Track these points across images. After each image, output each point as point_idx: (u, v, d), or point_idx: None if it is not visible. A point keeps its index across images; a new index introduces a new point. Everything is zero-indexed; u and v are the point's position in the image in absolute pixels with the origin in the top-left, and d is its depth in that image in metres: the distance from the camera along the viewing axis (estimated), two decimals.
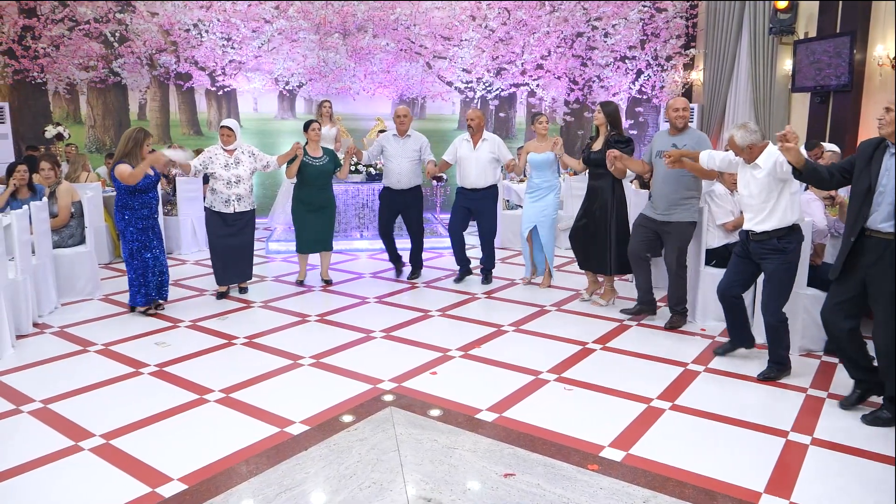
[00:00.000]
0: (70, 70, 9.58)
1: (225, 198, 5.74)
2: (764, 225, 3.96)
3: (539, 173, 6.02)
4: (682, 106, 4.89)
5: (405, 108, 6.39)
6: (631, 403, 3.73)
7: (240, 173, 5.77)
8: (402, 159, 6.32)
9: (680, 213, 4.88)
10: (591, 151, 5.52)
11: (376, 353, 4.57)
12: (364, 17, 9.96)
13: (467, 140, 6.26)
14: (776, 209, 3.93)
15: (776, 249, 3.96)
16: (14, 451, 3.18)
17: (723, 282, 4.30)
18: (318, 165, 6.14)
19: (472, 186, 6.21)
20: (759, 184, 3.96)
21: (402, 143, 6.34)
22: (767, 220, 3.95)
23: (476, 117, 6.20)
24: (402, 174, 6.32)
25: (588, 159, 5.54)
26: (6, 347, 4.47)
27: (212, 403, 3.73)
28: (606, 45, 10.60)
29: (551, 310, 5.58)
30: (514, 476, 2.92)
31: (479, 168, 6.17)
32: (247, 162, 5.83)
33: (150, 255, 5.28)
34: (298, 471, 2.98)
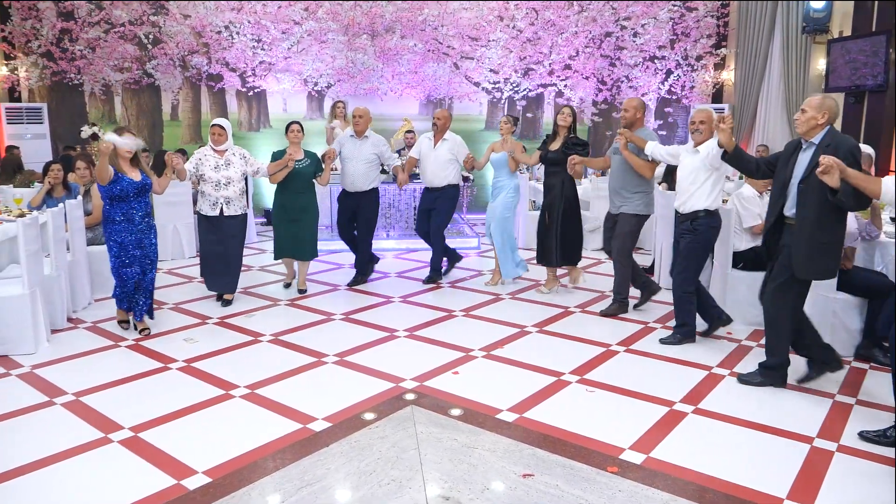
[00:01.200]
0: (105, 71, 9.80)
1: (213, 200, 5.47)
2: (685, 207, 4.55)
3: (498, 172, 6.25)
4: (631, 105, 5.30)
5: (363, 109, 6.23)
6: (653, 406, 3.71)
7: (230, 175, 5.49)
8: (358, 161, 6.11)
9: (627, 206, 5.25)
10: (548, 150, 5.80)
11: (399, 352, 4.60)
12: (392, 18, 10.03)
13: (429, 138, 6.37)
14: (697, 193, 4.49)
15: (689, 230, 4.55)
16: (47, 441, 3.28)
17: (673, 266, 4.80)
18: (299, 168, 5.82)
19: (430, 185, 6.37)
20: (694, 168, 4.50)
21: (358, 144, 6.15)
22: (688, 203, 4.53)
23: (442, 117, 6.30)
24: (356, 176, 6.13)
25: (545, 158, 5.84)
26: (41, 341, 4.60)
27: (237, 399, 3.80)
28: (635, 44, 10.53)
29: (575, 311, 5.57)
30: (532, 477, 2.93)
31: (436, 166, 6.27)
32: (237, 164, 5.55)
33: (129, 272, 4.77)
34: (319, 466, 3.02)
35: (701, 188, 4.48)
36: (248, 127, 10.37)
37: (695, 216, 4.52)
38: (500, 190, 6.23)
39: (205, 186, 5.49)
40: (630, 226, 5.27)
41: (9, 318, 4.41)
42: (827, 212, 3.56)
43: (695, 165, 4.52)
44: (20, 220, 4.51)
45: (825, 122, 3.62)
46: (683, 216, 4.59)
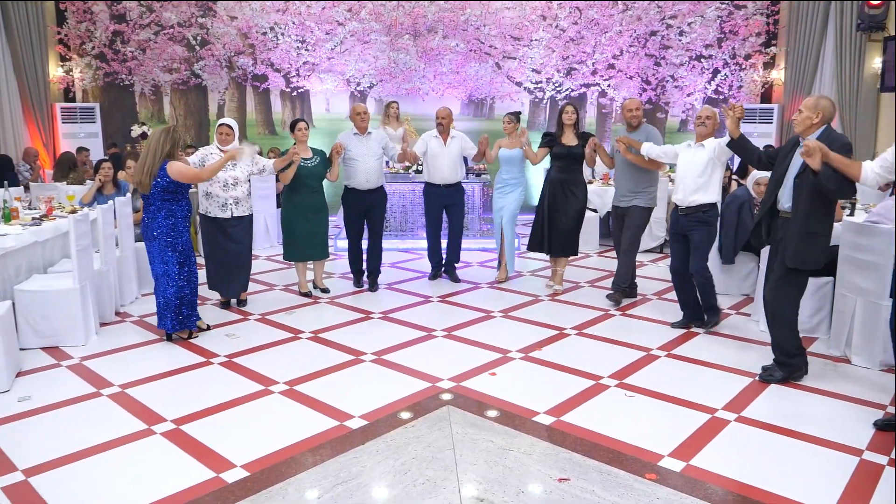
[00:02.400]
0: (155, 72, 10.05)
1: (222, 201, 5.34)
2: (691, 200, 4.77)
3: (507, 169, 6.31)
4: (634, 107, 5.58)
5: (364, 106, 6.22)
6: (694, 413, 3.63)
7: (237, 175, 5.38)
8: (370, 157, 6.04)
9: (637, 200, 5.53)
10: (569, 147, 5.89)
11: (437, 352, 4.61)
12: (434, 18, 10.04)
13: (436, 137, 6.39)
14: (707, 186, 4.74)
15: (702, 221, 4.78)
16: (93, 431, 3.37)
17: (672, 264, 5.04)
18: (309, 167, 5.76)
19: (444, 182, 6.37)
20: (703, 162, 4.74)
21: (364, 140, 6.07)
22: (698, 195, 4.75)
23: (447, 115, 6.41)
24: (371, 172, 6.03)
25: (568, 154, 5.90)
26: (90, 334, 4.74)
27: (276, 395, 3.85)
28: (681, 43, 10.33)
29: (616, 314, 5.49)
30: (568, 481, 2.89)
31: (451, 162, 6.35)
32: (243, 164, 5.42)
33: (194, 267, 4.85)
34: (355, 464, 3.04)
35: (709, 181, 4.75)
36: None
37: (706, 208, 4.78)
38: (514, 187, 6.31)
39: (212, 188, 5.34)
40: (642, 218, 5.60)
41: (60, 311, 4.56)
42: (817, 204, 3.76)
43: (702, 160, 4.76)
44: (72, 217, 4.66)
45: (820, 121, 3.79)
46: (691, 209, 4.80)
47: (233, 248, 5.44)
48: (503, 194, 6.36)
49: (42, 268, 5.19)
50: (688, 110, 10.67)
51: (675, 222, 4.97)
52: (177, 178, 4.53)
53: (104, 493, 2.83)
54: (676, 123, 10.74)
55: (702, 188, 4.76)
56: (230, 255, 5.44)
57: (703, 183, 4.75)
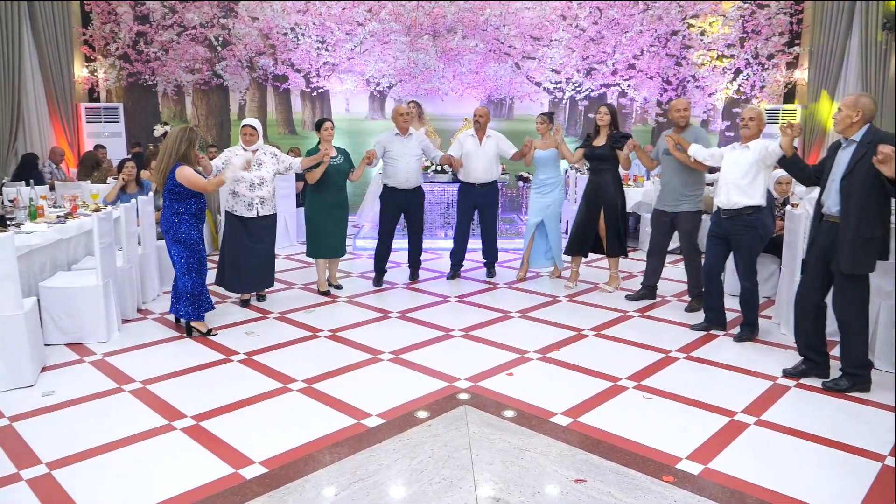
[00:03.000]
0: (177, 73, 10.18)
1: (248, 201, 5.39)
2: (733, 203, 4.60)
3: (544, 169, 6.33)
4: (682, 107, 5.42)
5: (406, 107, 6.32)
6: (713, 416, 3.60)
7: (263, 175, 5.42)
8: (410, 158, 6.18)
9: (685, 204, 5.40)
10: (593, 148, 5.91)
11: (454, 351, 4.61)
12: (454, 18, 10.05)
13: (472, 136, 6.43)
14: (751, 189, 4.56)
15: (747, 225, 4.61)
16: (115, 426, 3.42)
17: (706, 263, 4.92)
18: (335, 165, 5.85)
19: (479, 181, 6.41)
20: (747, 164, 4.55)
21: (405, 141, 6.21)
22: (742, 198, 4.57)
23: (484, 114, 6.42)
24: (412, 172, 6.19)
25: (592, 155, 5.93)
26: (113, 330, 4.81)
27: (294, 392, 3.88)
28: (703, 43, 10.24)
29: (634, 315, 5.46)
30: (585, 482, 2.88)
31: (486, 163, 6.39)
32: (269, 163, 5.49)
33: (206, 261, 4.98)
34: (372, 462, 3.05)
35: (753, 184, 4.57)
36: (310, 126, 10.57)
37: (750, 211, 4.60)
38: (553, 187, 6.33)
39: (238, 187, 5.38)
40: (694, 223, 5.46)
41: (83, 308, 4.63)
42: (870, 206, 3.64)
43: (747, 161, 4.58)
44: (95, 215, 4.73)
45: (860, 119, 3.69)
46: (734, 212, 4.63)
47: (258, 246, 5.49)
48: (542, 195, 6.36)
49: (66, 265, 5.27)
50: (709, 111, 10.59)
51: (717, 224, 4.79)
52: (183, 183, 4.60)
53: (125, 486, 2.87)
54: (697, 124, 10.64)
55: (744, 190, 4.58)
56: (256, 253, 5.48)
57: (746, 185, 4.57)
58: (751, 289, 4.73)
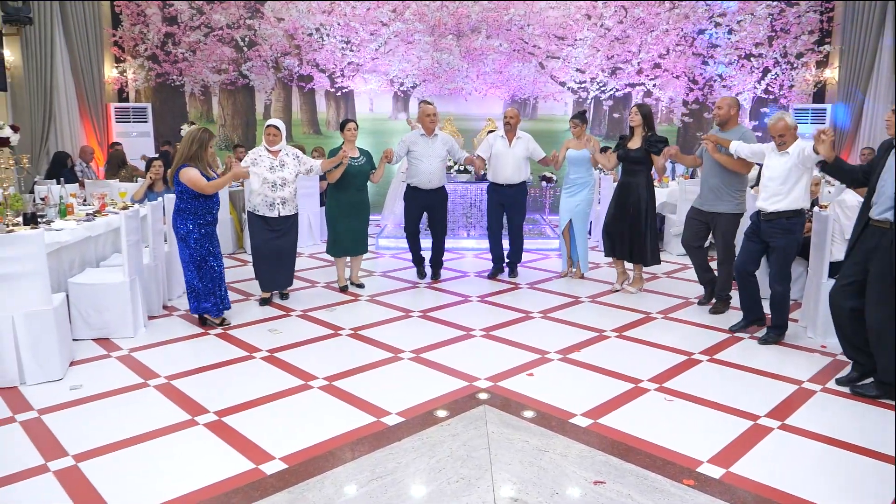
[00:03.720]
0: (204, 73, 10.32)
1: (270, 201, 5.46)
2: (777, 205, 4.51)
3: (576, 169, 6.37)
4: (719, 104, 5.32)
5: (434, 107, 6.31)
6: (736, 419, 3.55)
7: (285, 176, 5.48)
8: (434, 159, 6.23)
9: (724, 205, 5.25)
10: (628, 150, 5.83)
11: (475, 351, 4.61)
12: (478, 18, 10.06)
13: (502, 137, 6.46)
14: (791, 193, 4.48)
15: (785, 229, 4.53)
16: (139, 420, 3.48)
17: (738, 261, 4.85)
18: (357, 166, 5.88)
19: (507, 182, 6.43)
20: (785, 169, 4.48)
21: (430, 142, 6.26)
22: (781, 202, 4.50)
23: (514, 115, 6.46)
24: (434, 174, 6.25)
25: (626, 157, 5.84)
26: (139, 326, 4.89)
27: (315, 390, 3.91)
28: (730, 42, 10.13)
29: (658, 317, 5.41)
30: (604, 484, 2.87)
31: (515, 165, 6.40)
32: (291, 164, 5.55)
33: (215, 263, 4.97)
34: (391, 460, 3.07)
35: (794, 188, 4.49)
36: (335, 126, 10.65)
37: (789, 215, 4.52)
38: (582, 187, 6.37)
39: (261, 188, 5.45)
40: (731, 224, 5.31)
41: (111, 304, 4.72)
42: None
43: (785, 166, 4.50)
44: (123, 213, 4.82)
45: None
46: (773, 214, 4.56)
47: (279, 244, 5.56)
48: (572, 194, 6.41)
49: (95, 262, 5.37)
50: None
51: (756, 225, 4.72)
52: (185, 183, 4.70)
53: (148, 479, 2.92)
54: None
55: (784, 195, 4.49)
56: (276, 251, 5.56)
57: (786, 190, 4.48)
58: (782, 292, 4.68)
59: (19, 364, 3.94)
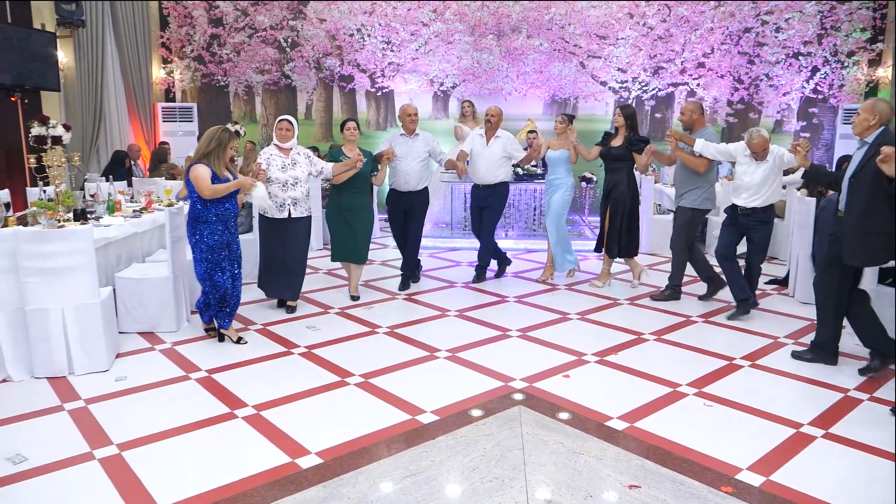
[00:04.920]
0: (248, 73, 10.51)
1: (280, 201, 5.15)
2: (754, 203, 5.13)
3: (553, 169, 6.38)
4: (683, 108, 5.70)
5: (414, 107, 6.11)
6: (777, 426, 3.47)
7: (297, 175, 5.19)
8: (412, 160, 5.98)
9: (685, 200, 5.64)
10: (611, 147, 6.04)
11: (511, 351, 4.60)
12: (519, 17, 10.02)
13: (481, 135, 6.29)
14: (767, 193, 5.10)
15: (761, 221, 5.19)
16: (181, 412, 3.57)
17: (718, 247, 5.39)
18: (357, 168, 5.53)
19: (483, 182, 6.29)
20: (763, 173, 5.08)
21: (410, 142, 6.01)
22: (758, 199, 5.12)
23: (496, 114, 6.30)
24: (411, 175, 5.97)
25: (608, 154, 6.05)
26: (182, 321, 5.01)
27: (352, 386, 3.95)
28: (777, 40, 9.88)
29: (698, 321, 5.31)
30: (639, 489, 2.83)
31: (489, 164, 6.22)
32: (303, 163, 5.25)
33: (221, 278, 4.56)
34: (425, 458, 3.08)
35: (769, 188, 5.10)
36: (375, 126, 10.74)
37: (764, 209, 5.15)
38: (559, 187, 6.36)
39: (271, 188, 5.14)
40: (685, 218, 5.66)
41: (155, 298, 4.84)
42: (874, 203, 3.82)
43: (763, 173, 5.08)
44: (168, 210, 4.94)
45: (877, 123, 3.92)
46: (752, 210, 5.15)
47: (288, 250, 5.23)
48: (549, 195, 6.44)
49: (140, 257, 5.52)
50: (783, 110, 10.21)
51: (733, 217, 5.28)
52: (191, 181, 4.38)
53: (189, 470, 2.99)
54: (770, 124, 10.28)
55: (762, 195, 5.11)
56: (284, 257, 5.23)
57: (764, 191, 5.10)
58: (754, 275, 5.37)
59: (68, 354, 4.08)
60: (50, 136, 5.16)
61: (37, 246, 3.98)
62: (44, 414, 3.57)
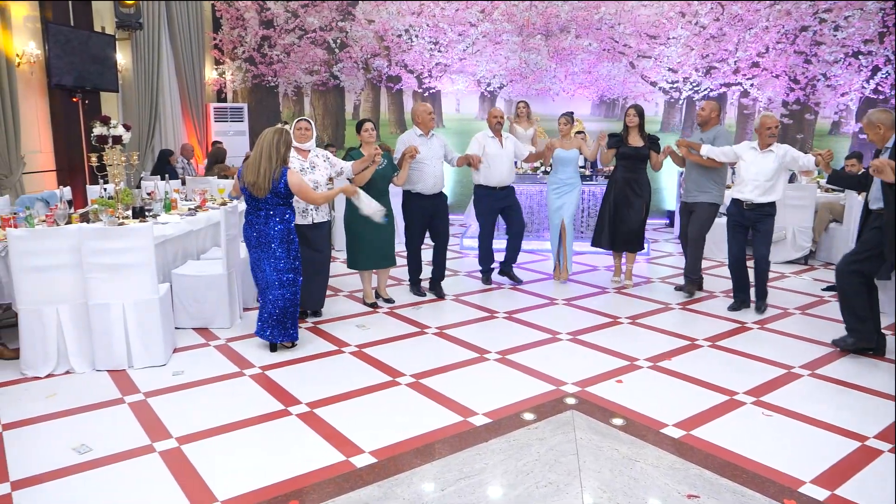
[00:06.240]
0: (297, 74, 10.66)
1: (302, 207, 4.93)
2: (764, 198, 5.27)
3: (564, 169, 6.40)
4: (701, 108, 6.01)
5: (429, 106, 5.85)
6: (841, 439, 3.35)
7: (317, 179, 4.96)
8: (435, 161, 5.75)
9: (705, 196, 5.84)
10: (633, 147, 6.10)
11: (561, 354, 4.56)
12: (567, 17, 9.94)
13: (492, 138, 6.19)
14: (775, 187, 5.26)
15: (768, 214, 5.33)
16: (236, 407, 3.63)
17: (732, 254, 5.54)
18: (378, 170, 5.32)
19: (502, 184, 6.23)
20: (772, 168, 5.23)
21: (429, 143, 5.76)
22: (768, 195, 5.26)
23: (503, 115, 6.27)
24: (438, 176, 5.75)
25: (632, 155, 6.11)
26: (235, 318, 5.11)
27: (403, 387, 3.96)
28: (836, 39, 9.58)
29: (753, 328, 5.18)
30: (698, 499, 2.77)
31: (509, 164, 6.25)
32: (322, 167, 5.05)
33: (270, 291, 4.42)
34: (478, 460, 3.07)
35: (776, 183, 5.26)
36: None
37: (771, 203, 5.30)
38: (572, 188, 6.41)
39: None
40: (708, 213, 5.88)
41: (210, 295, 4.94)
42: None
43: (771, 166, 5.23)
44: (222, 208, 5.03)
45: (884, 130, 4.31)
46: (758, 205, 5.29)
47: (312, 256, 5.02)
48: (560, 195, 6.42)
49: (195, 254, 5.64)
50: (841, 111, 9.88)
51: (740, 215, 5.40)
52: (293, 188, 4.27)
53: (246, 464, 3.04)
54: (827, 125, 9.98)
55: (770, 190, 5.26)
56: (309, 263, 4.95)
57: (772, 186, 5.25)
58: (766, 265, 5.44)
59: (128, 348, 4.19)
60: (111, 136, 5.32)
61: (100, 242, 4.10)
62: (106, 406, 3.68)
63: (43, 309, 4.07)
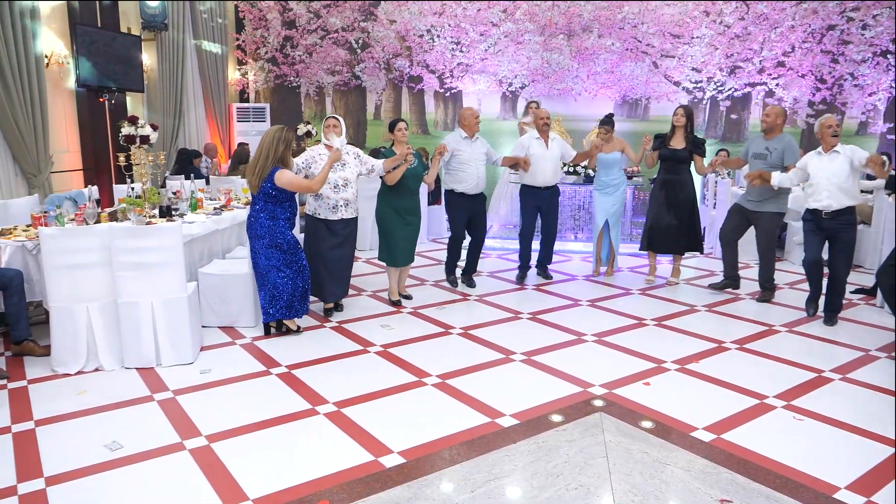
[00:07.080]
0: (319, 74, 10.70)
1: (332, 203, 5.06)
2: (836, 205, 4.95)
3: (607, 171, 6.51)
4: (766, 112, 5.76)
5: (476, 110, 6.14)
6: (875, 444, 3.30)
7: (347, 176, 5.08)
8: (479, 162, 6.00)
9: (770, 205, 5.64)
10: (674, 150, 6.10)
11: (587, 356, 4.53)
12: (590, 17, 9.88)
13: (538, 139, 6.29)
14: (850, 191, 4.94)
15: (849, 223, 5.00)
16: (264, 406, 3.65)
17: (808, 255, 5.27)
18: (410, 167, 5.41)
19: (546, 185, 6.34)
20: (844, 170, 4.93)
21: (473, 145, 5.99)
22: (844, 200, 4.95)
23: (549, 116, 6.41)
24: (481, 177, 6.03)
25: (673, 156, 6.11)
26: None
27: (429, 387, 3.96)
28: (864, 38, 9.43)
29: (781, 330, 5.12)
30: (730, 503, 2.73)
31: (555, 165, 6.35)
32: (353, 164, 5.14)
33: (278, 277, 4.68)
34: (507, 462, 3.06)
35: (853, 186, 4.97)
36: (443, 126, 10.77)
37: (851, 210, 5.00)
38: (617, 188, 6.53)
39: (322, 189, 5.02)
40: (775, 223, 5.76)
41: (235, 294, 4.97)
42: None
43: (843, 168, 4.95)
44: (247, 208, 5.05)
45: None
46: (837, 213, 4.98)
47: (339, 251, 5.19)
48: (607, 195, 6.55)
49: (221, 254, 5.68)
50: (869, 111, 9.73)
51: (816, 222, 5.12)
52: (285, 187, 4.47)
53: (275, 463, 3.05)
54: (854, 126, 9.83)
55: (847, 192, 4.96)
56: (338, 259, 5.19)
57: (848, 187, 4.96)
58: (842, 279, 5.16)
59: (156, 346, 4.23)
60: (139, 136, 5.38)
61: (130, 241, 4.14)
62: (135, 403, 3.71)
63: (73, 307, 4.12)
